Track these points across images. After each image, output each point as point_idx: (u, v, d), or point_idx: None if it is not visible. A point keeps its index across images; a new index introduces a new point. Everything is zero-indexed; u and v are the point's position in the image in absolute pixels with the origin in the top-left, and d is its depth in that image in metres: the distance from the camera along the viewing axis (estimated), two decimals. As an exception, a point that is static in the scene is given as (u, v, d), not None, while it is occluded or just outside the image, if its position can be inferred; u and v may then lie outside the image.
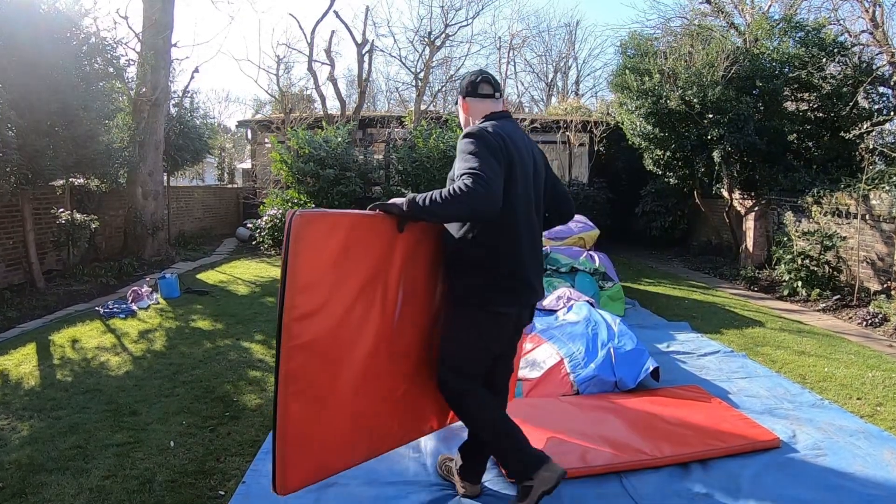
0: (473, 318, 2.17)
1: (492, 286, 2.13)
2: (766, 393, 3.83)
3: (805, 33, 8.62)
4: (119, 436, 3.13)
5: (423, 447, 3.03)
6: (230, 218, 14.40)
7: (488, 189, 1.87)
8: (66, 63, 6.40)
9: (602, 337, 4.09)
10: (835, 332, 5.50)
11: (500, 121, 2.18)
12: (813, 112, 9.03)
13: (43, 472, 2.73)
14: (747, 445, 2.98)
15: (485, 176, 1.87)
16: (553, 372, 3.88)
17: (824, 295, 6.78)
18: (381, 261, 2.11)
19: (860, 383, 4.05)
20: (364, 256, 2.04)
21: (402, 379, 2.34)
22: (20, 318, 5.67)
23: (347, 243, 1.97)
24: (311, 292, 1.89)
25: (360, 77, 13.51)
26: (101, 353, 4.59)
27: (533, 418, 3.23)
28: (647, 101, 8.91)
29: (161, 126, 9.35)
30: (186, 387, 3.86)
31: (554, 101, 25.55)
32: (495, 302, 2.14)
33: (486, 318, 2.17)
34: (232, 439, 3.10)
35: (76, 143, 6.72)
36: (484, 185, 1.86)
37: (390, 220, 2.09)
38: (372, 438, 2.27)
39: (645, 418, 3.27)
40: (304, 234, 1.84)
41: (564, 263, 6.39)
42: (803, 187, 8.03)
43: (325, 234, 1.91)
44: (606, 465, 2.77)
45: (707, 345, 4.97)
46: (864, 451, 2.98)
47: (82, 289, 6.96)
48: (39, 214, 7.35)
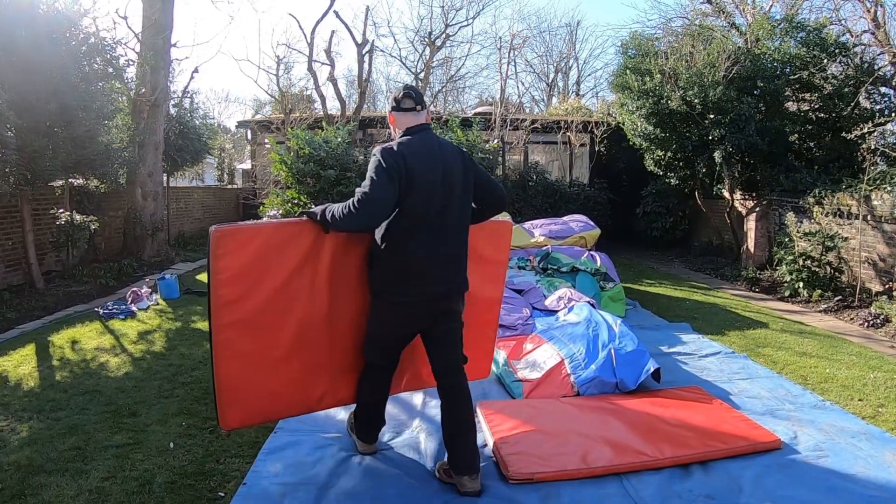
0: (376, 304, 2.64)
1: (387, 279, 2.55)
2: (768, 394, 3.82)
3: (806, 33, 8.60)
4: (118, 437, 3.12)
5: (423, 449, 3.02)
6: (230, 219, 14.35)
7: (369, 209, 2.37)
8: (65, 63, 6.39)
9: (603, 338, 4.08)
10: (836, 334, 5.48)
11: (416, 134, 2.54)
12: (814, 112, 9.01)
13: (42, 474, 2.72)
14: (748, 447, 2.97)
15: (369, 197, 2.35)
16: (553, 373, 3.87)
17: (826, 296, 6.76)
18: (307, 256, 2.58)
19: (862, 384, 4.03)
20: (287, 254, 2.53)
21: (342, 352, 2.79)
22: (19, 319, 5.65)
23: (266, 247, 2.48)
24: (231, 286, 2.43)
25: (361, 77, 13.50)
26: (100, 355, 4.57)
27: (534, 419, 3.24)
28: (648, 101, 8.88)
29: (161, 126, 9.33)
30: (186, 388, 3.85)
31: (555, 101, 25.55)
32: (389, 292, 2.56)
33: (385, 305, 2.60)
34: (232, 440, 3.09)
35: (75, 143, 6.71)
36: (366, 205, 2.35)
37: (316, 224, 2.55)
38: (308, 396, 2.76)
39: (646, 419, 3.27)
40: (220, 245, 2.38)
41: (565, 263, 6.38)
42: (805, 188, 8.00)
43: (240, 243, 2.43)
44: (607, 467, 2.77)
45: (708, 346, 4.96)
46: (865, 452, 2.97)
47: (81, 290, 6.94)
48: (39, 215, 7.34)
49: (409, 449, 3.04)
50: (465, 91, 22.98)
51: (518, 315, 5.05)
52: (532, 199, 11.48)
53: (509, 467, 2.74)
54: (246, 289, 2.47)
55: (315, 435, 3.16)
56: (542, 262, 6.56)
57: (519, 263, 6.69)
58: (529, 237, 7.24)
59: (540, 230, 7.41)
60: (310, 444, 3.04)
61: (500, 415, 3.30)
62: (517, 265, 6.68)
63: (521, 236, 7.24)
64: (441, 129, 10.88)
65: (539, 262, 6.59)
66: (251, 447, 3.02)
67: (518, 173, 12.38)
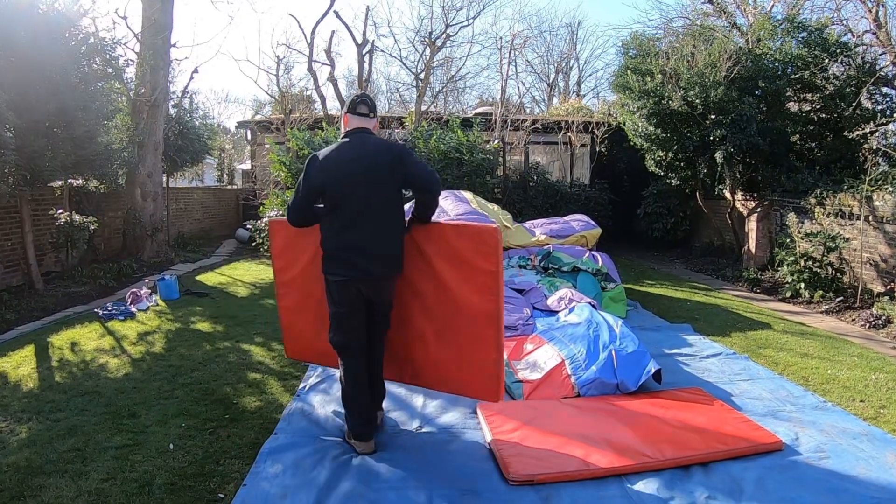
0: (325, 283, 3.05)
1: (327, 261, 2.97)
2: (769, 395, 3.81)
3: (808, 33, 8.56)
4: (118, 438, 3.12)
5: (423, 449, 3.02)
6: (230, 219, 14.36)
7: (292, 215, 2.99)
8: (64, 63, 6.39)
9: (603, 339, 4.08)
10: (838, 334, 5.46)
11: (354, 136, 2.96)
12: (816, 113, 8.98)
13: (41, 475, 2.72)
14: (749, 448, 2.96)
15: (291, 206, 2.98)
16: (554, 373, 3.87)
17: (827, 297, 6.74)
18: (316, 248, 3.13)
19: (863, 385, 4.02)
20: (304, 243, 3.37)
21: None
22: (18, 320, 5.64)
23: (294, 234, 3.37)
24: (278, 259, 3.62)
25: (361, 77, 13.49)
26: (99, 356, 4.57)
27: (534, 420, 3.24)
28: (649, 101, 8.86)
29: (160, 127, 9.33)
30: (186, 389, 3.86)
31: (555, 101, 25.51)
32: (331, 273, 2.96)
33: (329, 283, 3.01)
34: (231, 442, 3.09)
35: (75, 143, 6.70)
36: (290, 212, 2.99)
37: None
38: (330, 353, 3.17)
39: (647, 421, 3.26)
40: (271, 229, 3.70)
41: (567, 262, 6.36)
42: (806, 188, 7.97)
43: (277, 230, 3.61)
44: (608, 468, 2.76)
45: (709, 347, 4.95)
46: (867, 453, 2.96)
47: (81, 290, 6.94)
48: (38, 216, 7.34)
49: (410, 450, 3.03)
50: (466, 91, 22.95)
51: (518, 315, 5.04)
52: (533, 199, 11.47)
53: (510, 468, 2.73)
54: (286, 262, 3.56)
55: (315, 437, 3.16)
56: (543, 262, 6.54)
57: (520, 262, 6.67)
58: (530, 236, 7.22)
59: (541, 229, 7.39)
60: (310, 446, 3.03)
61: (501, 416, 3.28)
62: (518, 264, 6.65)
63: (522, 235, 7.22)
64: (441, 130, 10.87)
65: (540, 261, 6.57)
66: (251, 448, 3.01)
67: (519, 174, 12.36)
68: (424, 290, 3.14)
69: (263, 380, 4.08)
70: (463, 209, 6.93)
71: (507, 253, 6.79)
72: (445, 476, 2.75)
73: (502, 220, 7.19)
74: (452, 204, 7.10)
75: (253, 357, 4.59)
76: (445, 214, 6.78)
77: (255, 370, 4.28)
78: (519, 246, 7.00)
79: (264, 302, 6.63)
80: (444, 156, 10.17)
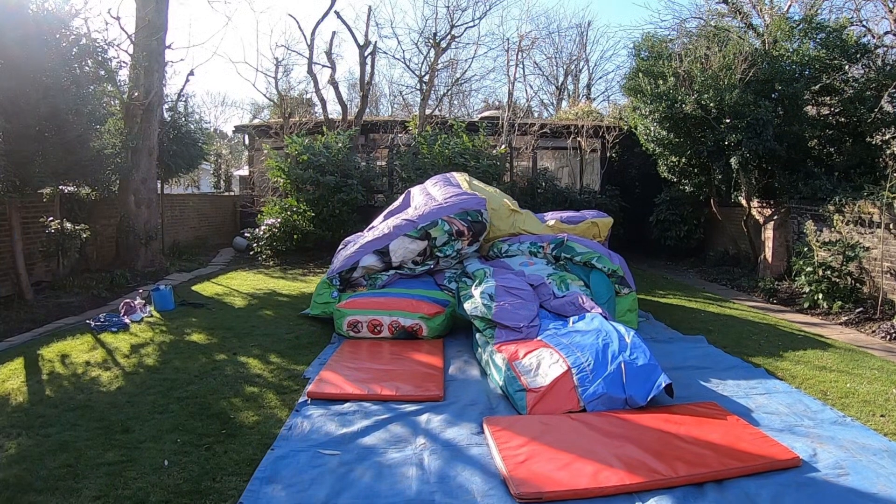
0: None
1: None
2: (786, 409, 3.75)
3: (826, 35, 8.47)
4: (111, 454, 3.06)
5: (426, 466, 2.99)
6: (227, 227, 14.21)
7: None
8: (55, 65, 6.31)
9: (613, 348, 4.05)
10: (857, 347, 5.34)
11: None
12: (834, 117, 8.88)
13: (31, 492, 2.67)
14: (766, 465, 2.92)
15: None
16: (559, 384, 3.81)
17: (846, 307, 6.64)
18: None
19: (884, 400, 3.92)
20: None
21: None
22: (7, 332, 5.53)
23: None
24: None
25: (363, 80, 13.33)
26: (91, 369, 4.48)
27: (543, 436, 3.21)
28: (662, 105, 8.78)
29: (154, 131, 9.24)
30: (181, 403, 3.79)
31: (564, 105, 25.29)
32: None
33: None
34: (228, 458, 3.04)
35: (66, 148, 6.61)
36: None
37: None
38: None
39: (659, 436, 3.23)
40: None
41: (580, 252, 6.18)
42: (824, 195, 7.86)
43: None
44: (619, 486, 2.71)
45: (724, 359, 4.87)
46: (888, 470, 2.90)
47: (72, 301, 6.87)
48: (28, 223, 7.25)
49: (412, 466, 2.99)
50: (472, 94, 22.84)
51: (525, 314, 4.87)
52: (541, 206, 11.37)
53: (517, 486, 2.69)
54: None
55: (314, 452, 3.10)
56: (555, 250, 6.33)
57: (531, 248, 6.51)
58: (541, 223, 7.23)
59: (551, 214, 7.53)
60: (307, 461, 2.99)
61: (508, 432, 3.26)
62: (529, 250, 6.50)
63: (533, 222, 7.20)
64: (446, 135, 10.72)
65: (553, 249, 6.37)
66: (248, 465, 2.96)
67: (526, 180, 12.25)
68: None
69: (261, 393, 4.00)
70: (451, 192, 6.95)
71: (519, 238, 6.78)
72: (450, 493, 2.71)
73: (507, 203, 7.22)
74: (441, 190, 7.17)
75: (250, 370, 4.50)
76: (434, 201, 6.80)
77: (252, 383, 4.19)
78: (530, 233, 6.96)
79: (262, 313, 6.51)
80: (449, 161, 10.04)
